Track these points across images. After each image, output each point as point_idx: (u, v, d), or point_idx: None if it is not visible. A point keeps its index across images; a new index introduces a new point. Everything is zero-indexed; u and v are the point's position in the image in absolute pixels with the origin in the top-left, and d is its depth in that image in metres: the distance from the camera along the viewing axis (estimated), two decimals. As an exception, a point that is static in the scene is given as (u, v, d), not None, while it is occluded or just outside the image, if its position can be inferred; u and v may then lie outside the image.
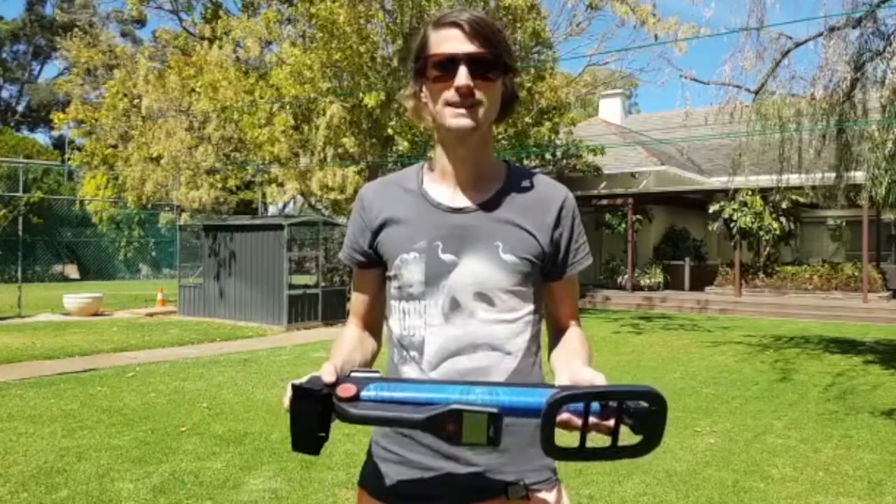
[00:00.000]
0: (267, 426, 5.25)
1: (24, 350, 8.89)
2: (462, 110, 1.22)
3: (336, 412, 1.03)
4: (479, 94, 1.22)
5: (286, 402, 1.03)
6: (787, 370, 8.04)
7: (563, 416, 0.99)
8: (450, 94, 1.22)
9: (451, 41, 1.23)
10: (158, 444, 4.80)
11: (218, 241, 13.25)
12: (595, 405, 0.99)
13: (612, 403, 0.99)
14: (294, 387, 1.02)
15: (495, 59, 1.24)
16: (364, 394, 1.04)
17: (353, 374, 1.09)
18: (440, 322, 1.27)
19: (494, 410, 0.99)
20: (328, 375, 1.04)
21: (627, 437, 1.00)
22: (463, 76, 1.20)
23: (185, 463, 4.39)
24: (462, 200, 1.31)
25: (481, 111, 1.23)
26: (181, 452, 4.61)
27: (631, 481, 4.08)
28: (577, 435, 1.00)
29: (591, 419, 0.99)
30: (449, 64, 1.22)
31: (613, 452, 0.99)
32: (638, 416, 0.98)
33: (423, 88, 1.29)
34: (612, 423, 0.98)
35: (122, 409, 5.83)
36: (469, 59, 1.21)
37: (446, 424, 0.99)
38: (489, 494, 1.25)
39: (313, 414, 1.02)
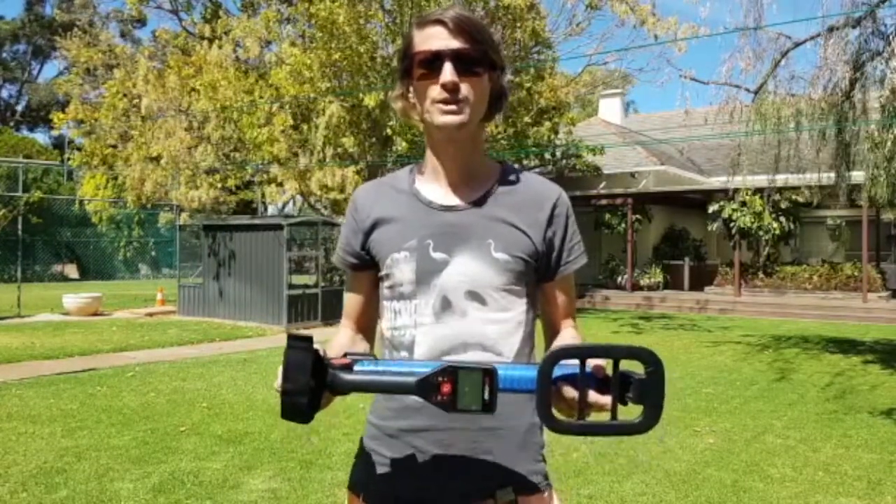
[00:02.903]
0: (267, 426, 5.25)
1: (24, 350, 8.89)
2: (450, 107, 1.21)
3: (330, 382, 1.02)
4: (465, 90, 1.21)
5: (278, 382, 1.03)
6: (787, 370, 8.05)
7: (559, 385, 0.99)
8: (436, 92, 1.21)
9: (435, 38, 1.22)
10: (158, 444, 4.80)
11: (217, 241, 13.25)
12: (588, 370, 0.98)
13: (608, 370, 0.98)
14: (290, 335, 1.02)
15: (480, 55, 1.23)
16: (357, 367, 1.05)
17: (347, 354, 1.10)
18: (431, 321, 1.25)
19: (489, 367, 0.98)
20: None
21: (627, 414, 0.99)
22: (448, 72, 1.20)
23: (185, 463, 4.39)
24: (454, 199, 1.30)
25: (468, 107, 1.22)
26: (181, 452, 4.61)
27: (630, 481, 4.08)
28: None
29: (589, 393, 0.98)
30: (434, 61, 1.21)
31: (614, 427, 0.98)
32: (635, 381, 0.97)
33: (411, 88, 1.28)
34: (608, 398, 0.98)
35: (121, 409, 5.83)
36: (454, 56, 1.20)
37: (441, 385, 0.98)
38: (477, 498, 1.23)
39: (305, 368, 1.00)
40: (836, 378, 7.56)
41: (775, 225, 16.11)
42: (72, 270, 25.77)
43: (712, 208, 16.86)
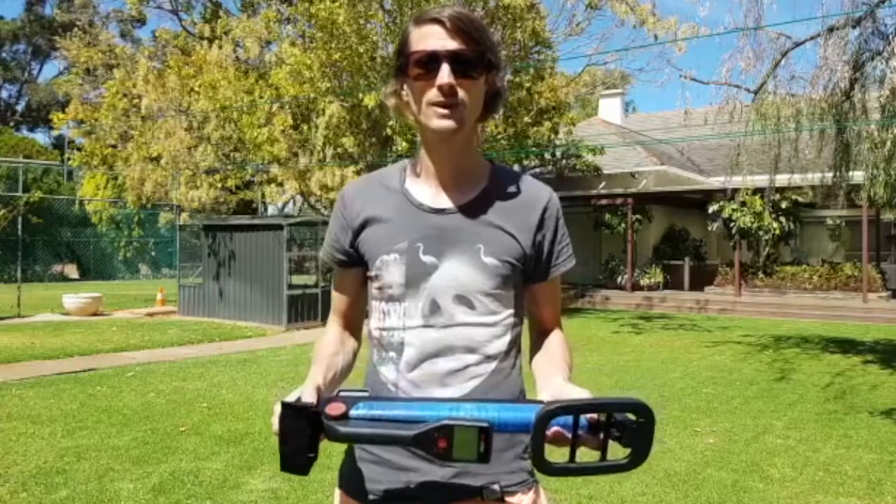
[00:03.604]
0: (267, 426, 5.24)
1: (24, 350, 8.89)
2: (445, 111, 1.19)
3: (325, 431, 1.03)
4: (461, 93, 1.19)
5: (275, 423, 1.04)
6: (787, 370, 8.05)
7: (553, 429, 1.00)
8: (432, 94, 1.19)
9: (432, 38, 1.20)
10: (158, 444, 4.80)
11: (217, 241, 13.25)
12: (583, 421, 1.00)
13: (601, 418, 1.00)
14: (283, 404, 1.02)
15: (478, 57, 1.21)
16: (353, 412, 1.05)
17: (341, 394, 1.10)
18: (419, 324, 1.26)
19: (485, 424, 1.00)
20: (309, 398, 1.05)
21: (616, 450, 1.01)
22: (445, 74, 1.18)
23: (185, 463, 4.39)
24: (444, 201, 1.29)
25: (464, 111, 1.21)
26: (181, 452, 4.61)
27: (630, 481, 4.08)
28: (566, 451, 1.01)
29: (580, 433, 1.00)
30: (431, 62, 1.19)
31: (603, 467, 1.01)
32: (626, 428, 1.00)
33: (405, 87, 1.26)
34: (600, 437, 1.00)
35: (121, 409, 5.83)
36: (451, 57, 1.18)
37: (437, 440, 1.00)
38: (465, 495, 1.25)
39: (302, 433, 1.02)
40: (836, 378, 7.56)
41: (775, 225, 16.11)
42: (72, 270, 25.76)
43: (712, 208, 16.86)
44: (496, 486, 1.25)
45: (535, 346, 1.37)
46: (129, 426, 5.26)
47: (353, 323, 1.41)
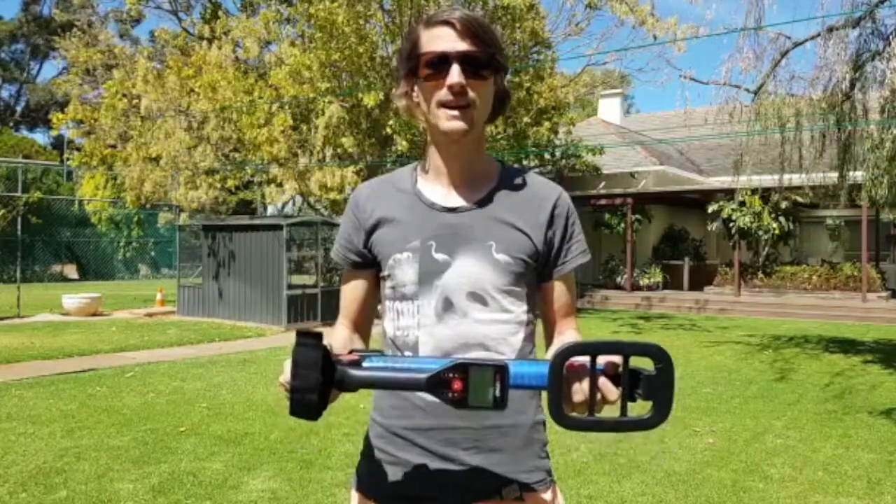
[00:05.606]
0: (266, 426, 5.25)
1: (23, 350, 8.88)
2: (455, 112, 1.22)
3: (337, 379, 1.02)
4: (471, 94, 1.22)
5: (285, 373, 1.03)
6: (786, 370, 8.05)
7: (570, 389, 0.99)
8: (442, 94, 1.22)
9: (442, 40, 1.23)
10: (157, 444, 4.80)
11: (217, 242, 13.25)
12: (599, 367, 0.99)
13: (619, 366, 0.99)
14: (298, 331, 1.02)
15: (488, 58, 1.24)
16: (366, 363, 1.05)
17: (353, 350, 1.11)
18: (433, 322, 1.27)
19: (500, 363, 0.99)
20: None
21: (637, 410, 1.00)
22: (455, 74, 1.20)
23: (185, 463, 4.38)
24: (456, 200, 1.31)
25: (474, 112, 1.24)
26: (180, 452, 4.60)
27: (630, 481, 4.08)
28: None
29: (601, 379, 0.99)
30: (441, 63, 1.22)
31: (624, 423, 0.99)
32: (644, 378, 0.98)
33: (415, 88, 1.29)
34: (618, 391, 0.98)
35: (121, 409, 5.82)
36: (461, 58, 1.21)
37: (451, 382, 0.98)
38: (483, 495, 1.25)
39: (314, 366, 1.00)
40: (836, 378, 7.56)
41: (775, 225, 16.11)
42: (71, 271, 25.73)
43: (711, 208, 16.86)
44: (516, 485, 1.26)
45: (549, 344, 1.36)
46: (129, 426, 5.26)
47: (362, 326, 1.41)
